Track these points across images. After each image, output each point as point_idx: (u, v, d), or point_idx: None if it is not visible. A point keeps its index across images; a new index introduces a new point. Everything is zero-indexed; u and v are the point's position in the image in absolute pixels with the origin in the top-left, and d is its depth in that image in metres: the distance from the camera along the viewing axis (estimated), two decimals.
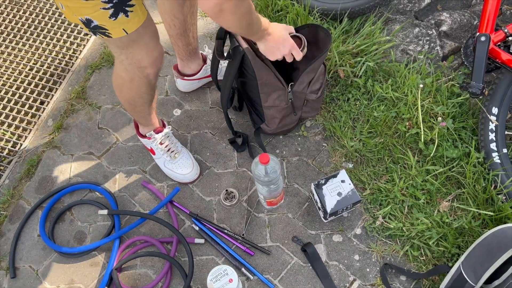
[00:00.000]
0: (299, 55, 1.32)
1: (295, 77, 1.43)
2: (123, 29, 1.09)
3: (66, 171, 1.67)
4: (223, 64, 1.69)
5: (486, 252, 1.10)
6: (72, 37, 2.00)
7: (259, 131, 1.61)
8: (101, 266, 1.48)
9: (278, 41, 1.28)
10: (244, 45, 1.33)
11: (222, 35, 1.38)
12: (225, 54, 1.41)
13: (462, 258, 1.17)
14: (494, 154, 1.45)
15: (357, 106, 1.67)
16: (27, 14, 2.06)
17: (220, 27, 1.37)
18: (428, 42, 1.72)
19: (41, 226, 1.53)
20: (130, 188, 1.62)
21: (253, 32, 1.21)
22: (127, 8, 1.05)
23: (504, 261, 1.07)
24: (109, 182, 1.64)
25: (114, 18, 1.05)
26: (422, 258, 1.42)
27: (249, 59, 1.33)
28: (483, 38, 1.45)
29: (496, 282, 1.13)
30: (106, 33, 1.09)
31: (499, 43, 1.49)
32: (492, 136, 1.46)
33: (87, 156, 1.69)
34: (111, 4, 1.02)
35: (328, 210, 1.41)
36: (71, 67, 1.91)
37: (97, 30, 1.08)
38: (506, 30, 1.46)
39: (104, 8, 1.02)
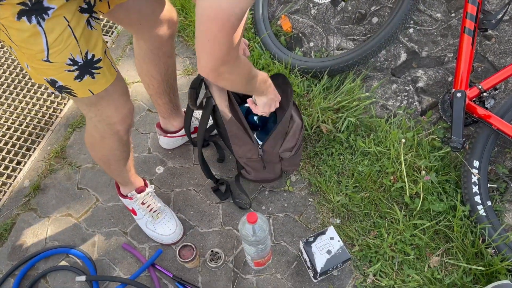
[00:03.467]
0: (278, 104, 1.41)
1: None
2: (89, 89, 1.07)
3: (42, 234, 1.58)
4: (197, 115, 1.70)
5: None
6: (53, 95, 1.98)
7: (238, 177, 1.60)
8: None
9: (274, 92, 1.35)
10: (217, 99, 1.35)
11: (196, 84, 1.38)
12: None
13: None
14: (479, 207, 1.46)
15: (341, 160, 1.68)
16: (6, 74, 2.04)
17: (196, 76, 1.38)
18: (406, 98, 1.78)
19: None
20: (110, 251, 1.54)
21: (255, 88, 1.24)
22: (93, 71, 1.04)
23: None
24: (87, 245, 1.56)
25: (79, 80, 1.03)
26: None
27: (219, 110, 1.34)
28: (459, 95, 1.50)
29: None
30: (72, 93, 1.07)
31: (474, 99, 1.55)
32: (475, 189, 1.47)
33: (65, 218, 1.62)
34: (76, 67, 1.00)
35: (319, 269, 1.36)
36: (51, 126, 1.88)
37: (62, 89, 1.06)
38: (480, 87, 1.52)
39: (68, 70, 1.00)
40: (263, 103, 1.33)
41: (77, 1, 0.93)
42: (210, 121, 1.54)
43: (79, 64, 1.00)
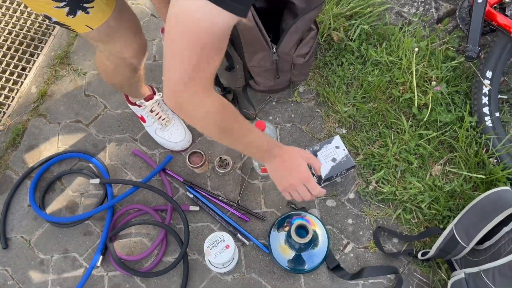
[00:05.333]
0: (316, 190, 1.07)
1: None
2: (86, 25, 1.01)
3: (53, 140, 1.62)
4: None
5: (480, 214, 1.13)
6: None
7: (246, 88, 1.60)
8: (95, 235, 1.47)
9: (289, 169, 1.04)
10: None
11: None
12: None
13: (455, 220, 1.20)
14: (487, 118, 1.46)
15: (351, 70, 1.65)
16: None
17: None
18: (423, 4, 1.69)
19: (31, 196, 1.49)
20: (121, 156, 1.59)
21: (243, 148, 1.01)
22: (85, 5, 0.97)
23: (497, 223, 1.10)
24: (99, 151, 1.60)
25: (72, 15, 0.97)
26: (414, 221, 1.45)
27: None
28: (480, 0, 1.42)
29: (488, 243, 1.17)
30: (70, 29, 1.02)
31: (495, 5, 1.47)
32: (485, 100, 1.46)
33: (74, 125, 1.64)
34: (64, 3, 0.93)
35: (323, 176, 1.41)
36: (52, 30, 1.82)
37: (59, 25, 1.01)
38: None
39: (57, 7, 0.94)
40: (274, 178, 1.06)
41: None
42: None
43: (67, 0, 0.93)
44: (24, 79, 1.73)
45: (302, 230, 1.31)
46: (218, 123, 0.87)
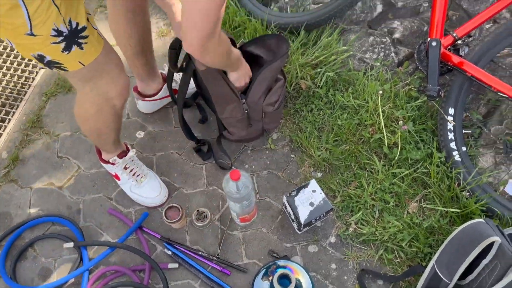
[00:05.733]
0: (249, 73, 1.41)
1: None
2: (79, 61, 1.04)
3: (25, 205, 1.58)
4: (178, 75, 1.68)
5: (458, 248, 1.13)
6: (23, 64, 1.91)
7: (220, 139, 1.62)
8: None
9: (246, 68, 1.36)
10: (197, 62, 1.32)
11: (176, 45, 1.36)
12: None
13: (435, 257, 1.20)
14: (455, 153, 1.50)
15: (320, 115, 1.70)
16: None
17: (175, 37, 1.35)
18: (383, 50, 1.78)
19: (1, 266, 1.43)
20: (96, 217, 1.55)
21: (232, 63, 1.27)
22: (80, 40, 1.00)
23: (476, 256, 1.10)
24: (73, 213, 1.56)
25: (67, 51, 1.00)
26: (396, 261, 1.44)
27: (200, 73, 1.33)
28: (434, 43, 1.51)
29: (470, 277, 1.16)
30: (62, 67, 1.04)
31: (449, 47, 1.56)
32: (451, 135, 1.52)
33: (47, 188, 1.61)
34: (61, 38, 0.97)
35: (302, 221, 1.40)
36: (24, 95, 1.83)
37: (51, 65, 1.03)
38: (454, 34, 1.53)
39: (54, 43, 0.97)
40: (236, 78, 1.35)
41: None
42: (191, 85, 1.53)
43: (64, 34, 0.96)
44: None
45: (285, 279, 1.28)
46: (227, 51, 1.18)
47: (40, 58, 1.00)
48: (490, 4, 1.56)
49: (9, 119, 1.77)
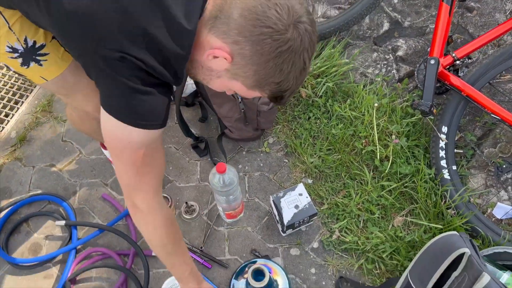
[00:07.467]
0: None
1: None
2: (41, 76, 1.04)
3: (26, 182, 1.65)
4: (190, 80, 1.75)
5: (430, 259, 1.14)
6: None
7: (221, 137, 1.67)
8: (54, 278, 1.45)
9: None
10: None
11: None
12: None
13: (409, 267, 1.21)
14: (444, 171, 1.51)
15: (317, 124, 1.73)
16: None
17: None
18: (385, 66, 1.82)
19: None
20: (90, 200, 1.62)
21: (171, 267, 1.16)
22: (38, 58, 1.00)
23: (448, 267, 1.10)
24: (69, 194, 1.63)
25: (26, 66, 1.00)
26: (376, 272, 1.44)
27: None
28: (432, 61, 1.54)
29: None
30: (27, 79, 1.06)
31: (448, 67, 1.59)
32: (442, 153, 1.53)
33: (48, 168, 1.69)
34: (17, 54, 0.97)
35: (285, 222, 1.43)
36: None
37: (18, 74, 1.06)
38: (454, 55, 1.56)
39: (11, 57, 0.97)
40: None
41: None
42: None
43: (20, 51, 0.97)
44: (5, 125, 1.80)
45: (259, 275, 1.31)
46: (163, 240, 1.04)
47: (7, 67, 1.05)
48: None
49: (22, 102, 1.86)
